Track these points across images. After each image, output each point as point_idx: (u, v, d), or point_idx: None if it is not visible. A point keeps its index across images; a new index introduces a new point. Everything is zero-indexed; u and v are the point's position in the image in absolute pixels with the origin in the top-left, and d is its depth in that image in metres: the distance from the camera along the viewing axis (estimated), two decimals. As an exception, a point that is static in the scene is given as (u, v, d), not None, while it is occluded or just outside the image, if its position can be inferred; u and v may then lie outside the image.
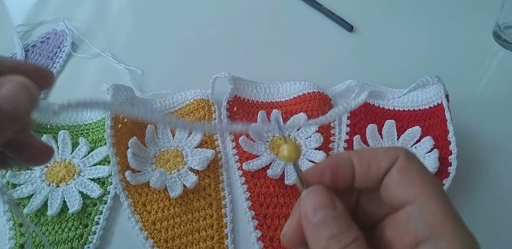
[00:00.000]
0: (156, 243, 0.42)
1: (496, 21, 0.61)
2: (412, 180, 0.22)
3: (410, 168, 0.22)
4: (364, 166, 0.23)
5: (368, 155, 0.23)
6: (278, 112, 0.51)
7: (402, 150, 0.23)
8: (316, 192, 0.23)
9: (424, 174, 0.22)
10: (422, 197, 0.21)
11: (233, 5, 0.71)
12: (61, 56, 0.62)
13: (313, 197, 0.22)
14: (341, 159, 0.23)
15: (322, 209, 0.22)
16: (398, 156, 0.22)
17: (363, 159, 0.23)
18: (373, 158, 0.23)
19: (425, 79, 0.44)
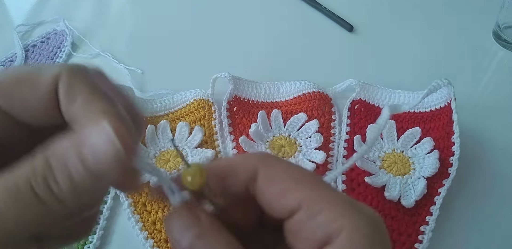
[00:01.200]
0: (156, 243, 0.42)
1: (496, 21, 0.61)
2: (285, 189, 0.20)
3: (274, 176, 0.20)
4: (220, 179, 0.21)
5: (224, 168, 0.21)
6: (278, 112, 0.51)
7: (258, 157, 0.21)
8: (177, 214, 0.20)
9: (293, 175, 0.20)
10: (304, 201, 0.19)
11: (233, 5, 0.71)
12: (61, 56, 0.62)
13: (176, 219, 0.20)
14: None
15: (186, 231, 0.19)
16: (256, 166, 0.21)
17: (219, 173, 0.21)
18: (229, 171, 0.21)
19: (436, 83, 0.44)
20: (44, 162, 0.17)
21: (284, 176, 0.20)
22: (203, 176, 0.20)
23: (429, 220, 0.41)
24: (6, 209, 0.16)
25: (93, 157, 0.17)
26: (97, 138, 0.17)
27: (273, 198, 0.20)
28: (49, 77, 0.19)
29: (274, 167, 0.21)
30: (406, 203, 0.42)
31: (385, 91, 0.52)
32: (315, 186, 0.20)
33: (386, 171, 0.45)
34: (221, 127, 0.51)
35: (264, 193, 0.20)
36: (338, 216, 0.19)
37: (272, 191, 0.20)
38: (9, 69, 0.20)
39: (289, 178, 0.20)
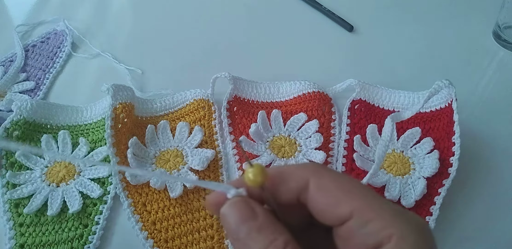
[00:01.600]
0: (156, 243, 0.42)
1: (496, 21, 0.61)
2: (337, 199, 0.21)
3: (325, 186, 0.22)
4: (275, 189, 0.23)
5: (276, 176, 0.23)
6: (278, 112, 0.51)
7: (310, 168, 0.23)
8: (233, 206, 0.22)
9: (343, 185, 0.22)
10: (355, 211, 0.21)
11: (233, 5, 0.71)
12: (61, 56, 0.62)
13: (233, 211, 0.22)
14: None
15: (243, 223, 0.21)
16: (308, 176, 0.22)
17: (274, 182, 0.23)
18: (281, 181, 0.23)
19: (437, 85, 0.43)
20: None
21: (335, 186, 0.22)
22: (264, 175, 0.22)
23: (429, 220, 0.41)
24: None
25: None
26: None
27: (325, 207, 0.22)
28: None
29: (325, 178, 0.22)
30: (406, 203, 0.42)
31: (385, 91, 0.52)
32: (365, 196, 0.21)
33: (386, 171, 0.45)
34: (221, 127, 0.51)
35: (315, 202, 0.22)
36: (387, 225, 0.20)
37: (323, 200, 0.22)
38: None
39: (340, 188, 0.21)
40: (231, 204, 0.22)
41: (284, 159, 0.47)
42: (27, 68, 0.60)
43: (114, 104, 0.47)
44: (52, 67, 0.61)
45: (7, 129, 0.48)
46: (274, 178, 0.23)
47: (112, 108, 0.47)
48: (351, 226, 0.21)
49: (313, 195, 0.22)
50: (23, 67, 0.60)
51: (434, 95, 0.44)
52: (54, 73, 0.60)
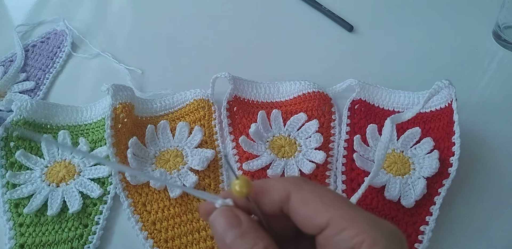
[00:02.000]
0: (156, 243, 0.42)
1: (496, 21, 0.61)
2: (315, 210, 0.23)
3: (305, 198, 0.24)
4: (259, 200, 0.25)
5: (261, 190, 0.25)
6: (278, 112, 0.51)
7: (290, 181, 0.25)
8: (221, 214, 0.24)
9: (321, 197, 0.24)
10: (331, 220, 0.22)
11: (233, 5, 0.71)
12: (61, 56, 0.62)
13: (220, 219, 0.24)
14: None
15: (229, 230, 0.24)
16: (289, 189, 0.24)
17: (259, 194, 0.25)
18: (265, 193, 0.25)
19: (436, 85, 0.43)
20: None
21: (314, 198, 0.24)
22: (249, 187, 0.24)
23: (429, 220, 0.41)
24: None
25: None
26: None
27: (305, 218, 0.24)
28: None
29: (304, 190, 0.24)
30: (406, 203, 0.42)
31: (385, 91, 0.52)
32: (341, 206, 0.23)
33: (386, 171, 0.45)
34: (221, 127, 0.51)
35: (296, 213, 0.24)
36: (360, 232, 0.22)
37: (303, 211, 0.24)
38: None
39: (319, 200, 0.23)
40: (219, 212, 0.25)
41: (284, 159, 0.47)
42: (27, 68, 0.60)
43: (114, 104, 0.47)
44: (52, 67, 0.61)
45: (7, 129, 0.48)
46: (258, 190, 0.25)
47: (112, 108, 0.47)
48: (328, 234, 0.23)
49: (294, 206, 0.24)
50: (23, 67, 0.60)
51: (434, 95, 0.44)
52: (54, 73, 0.60)
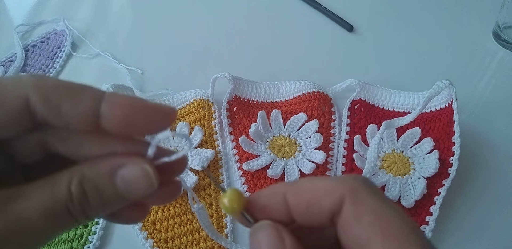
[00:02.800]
0: (156, 243, 0.42)
1: (496, 21, 0.61)
2: (370, 238, 0.17)
3: (360, 216, 0.18)
4: (302, 208, 0.19)
5: (307, 194, 0.19)
6: (278, 112, 0.51)
7: (347, 186, 0.19)
8: (261, 231, 0.20)
9: (382, 220, 0.18)
10: (382, 239, 0.17)
11: (233, 5, 0.71)
12: (61, 56, 0.62)
13: (260, 238, 0.19)
14: (274, 199, 0.20)
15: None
16: (343, 196, 0.18)
17: (300, 200, 0.19)
18: (312, 199, 0.19)
19: (437, 86, 0.44)
20: (80, 188, 0.19)
21: (373, 221, 0.18)
22: (241, 201, 0.20)
23: (429, 220, 0.41)
24: (38, 226, 0.18)
25: (127, 186, 0.19)
26: (134, 174, 0.19)
27: (353, 242, 0.18)
28: (15, 95, 0.18)
29: (363, 204, 0.18)
30: (406, 203, 0.42)
31: (385, 91, 0.52)
32: (405, 240, 0.17)
33: (386, 171, 0.45)
34: (221, 127, 0.51)
35: (346, 234, 0.18)
36: None
37: (353, 234, 0.18)
38: None
39: (377, 226, 0.17)
40: (258, 228, 0.20)
41: (284, 159, 0.47)
42: (27, 68, 0.60)
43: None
44: (52, 67, 0.61)
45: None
46: (306, 196, 0.19)
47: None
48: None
49: (345, 223, 0.18)
50: (23, 67, 0.60)
51: (435, 96, 0.44)
52: (54, 73, 0.60)
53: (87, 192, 0.19)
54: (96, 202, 0.19)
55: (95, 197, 0.19)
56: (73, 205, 0.19)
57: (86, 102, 0.18)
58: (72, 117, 0.18)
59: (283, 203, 0.20)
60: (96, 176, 0.19)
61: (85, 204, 0.19)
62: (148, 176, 0.19)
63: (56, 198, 0.18)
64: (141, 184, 0.19)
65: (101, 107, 0.18)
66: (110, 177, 0.19)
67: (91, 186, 0.19)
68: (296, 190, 0.19)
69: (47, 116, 0.18)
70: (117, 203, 0.20)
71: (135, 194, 0.19)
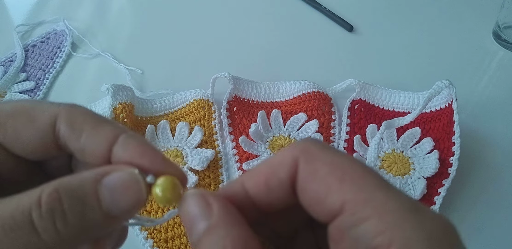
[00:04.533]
0: (156, 243, 0.42)
1: (496, 21, 0.61)
2: (326, 188, 0.16)
3: (315, 171, 0.17)
4: (262, 189, 0.18)
5: (263, 173, 0.18)
6: (278, 112, 0.51)
7: (299, 148, 0.17)
8: (185, 202, 0.18)
9: (338, 169, 0.17)
10: (347, 204, 0.16)
11: (233, 5, 0.71)
12: (61, 56, 0.62)
13: (185, 209, 0.18)
14: (233, 190, 0.18)
15: (195, 223, 0.17)
16: (297, 158, 0.17)
17: (258, 181, 0.18)
18: (269, 174, 0.18)
19: (437, 86, 0.44)
20: (55, 195, 0.16)
21: (327, 171, 0.17)
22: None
23: (429, 220, 0.41)
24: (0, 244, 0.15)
25: (113, 196, 0.17)
26: (122, 180, 0.17)
27: (313, 199, 0.17)
28: (46, 114, 0.18)
29: (316, 160, 0.17)
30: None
31: (385, 91, 0.52)
32: (365, 185, 0.16)
33: (386, 171, 0.45)
34: (221, 127, 0.51)
35: (304, 191, 0.17)
36: (387, 227, 0.15)
37: (312, 190, 0.17)
38: (6, 102, 0.19)
39: (333, 174, 0.16)
40: (190, 195, 0.18)
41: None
42: (27, 68, 0.60)
43: (114, 104, 0.47)
44: (52, 67, 0.61)
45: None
46: (262, 174, 0.18)
47: (112, 108, 0.47)
48: (341, 223, 0.16)
49: (301, 182, 0.17)
50: (23, 67, 0.60)
51: (435, 96, 0.44)
52: (54, 73, 0.60)
53: (63, 201, 0.16)
54: (74, 216, 0.16)
55: (73, 209, 0.16)
56: (40, 217, 0.16)
57: (105, 135, 0.18)
58: (89, 146, 0.18)
59: (243, 192, 0.18)
60: (77, 183, 0.17)
61: (58, 217, 0.16)
62: (136, 184, 0.17)
63: (20, 206, 0.16)
64: (128, 194, 0.17)
65: (114, 147, 0.18)
66: (94, 184, 0.17)
67: (70, 193, 0.16)
68: (251, 174, 0.18)
69: (68, 140, 0.18)
70: (99, 222, 0.17)
71: (121, 206, 0.17)
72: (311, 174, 0.17)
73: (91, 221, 0.17)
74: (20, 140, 0.18)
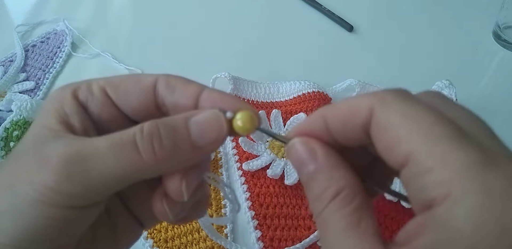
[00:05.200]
0: (156, 243, 0.42)
1: (496, 21, 0.61)
2: (396, 138, 0.17)
3: (388, 120, 0.17)
4: (339, 127, 0.19)
5: (341, 112, 0.19)
6: (278, 112, 0.51)
7: (376, 97, 0.18)
8: (291, 149, 0.20)
9: (410, 120, 0.17)
10: (412, 155, 0.16)
11: (233, 5, 0.71)
12: (61, 56, 0.62)
13: (291, 155, 0.20)
14: (315, 122, 0.20)
15: (303, 167, 0.20)
16: (372, 107, 0.18)
17: (336, 119, 0.19)
18: (345, 116, 0.19)
19: (437, 86, 0.44)
20: (154, 124, 0.20)
21: (398, 122, 0.17)
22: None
23: (429, 220, 0.41)
24: (105, 157, 0.19)
25: (200, 130, 0.20)
26: (206, 117, 0.21)
27: (384, 148, 0.18)
28: (150, 77, 0.23)
29: (389, 110, 0.17)
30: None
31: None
32: (432, 136, 0.16)
33: (386, 171, 0.45)
34: (221, 127, 0.51)
35: (375, 140, 0.18)
36: (447, 179, 0.15)
37: (383, 139, 0.17)
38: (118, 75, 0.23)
39: (403, 125, 0.17)
40: (291, 145, 0.20)
41: (284, 159, 0.47)
42: (27, 68, 0.60)
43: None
44: (52, 67, 0.61)
45: (7, 129, 0.48)
46: (341, 114, 0.19)
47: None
48: (407, 173, 0.17)
49: (374, 131, 0.18)
50: (23, 67, 0.60)
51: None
52: (54, 73, 0.60)
53: (160, 128, 0.20)
54: (168, 141, 0.19)
55: (168, 135, 0.20)
56: (142, 138, 0.19)
57: (192, 89, 0.22)
58: (181, 98, 0.22)
59: (324, 126, 0.20)
60: (172, 119, 0.20)
61: (156, 140, 0.19)
62: (218, 120, 0.20)
63: (126, 132, 0.20)
64: (212, 128, 0.20)
65: (200, 97, 0.21)
66: (185, 121, 0.20)
67: (166, 124, 0.20)
68: (332, 110, 0.20)
69: (164, 96, 0.22)
70: (188, 150, 0.20)
71: (206, 138, 0.20)
72: (383, 124, 0.17)
73: (181, 148, 0.20)
74: (128, 97, 0.22)
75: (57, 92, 0.22)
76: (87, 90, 0.22)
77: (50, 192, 0.18)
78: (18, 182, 0.19)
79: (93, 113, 0.22)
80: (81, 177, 0.19)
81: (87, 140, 0.20)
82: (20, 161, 0.20)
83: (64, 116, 0.21)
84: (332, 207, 0.18)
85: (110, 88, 0.22)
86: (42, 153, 0.19)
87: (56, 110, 0.21)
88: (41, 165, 0.19)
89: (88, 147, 0.19)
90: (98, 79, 0.23)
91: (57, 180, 0.18)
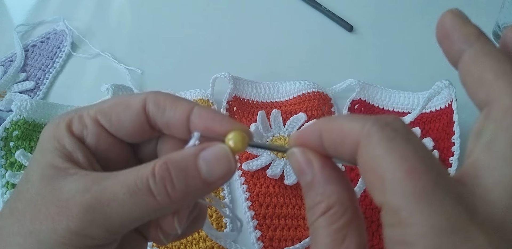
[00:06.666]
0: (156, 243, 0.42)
1: (496, 21, 0.61)
2: (380, 177, 0.18)
3: (368, 155, 0.18)
4: (331, 146, 0.20)
5: (334, 135, 0.20)
6: (278, 112, 0.51)
7: (364, 131, 0.18)
8: (291, 158, 0.21)
9: (381, 155, 0.17)
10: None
11: (233, 5, 0.71)
12: (61, 56, 0.62)
13: (291, 163, 0.21)
14: (312, 135, 0.21)
15: (302, 175, 0.21)
16: (358, 141, 0.18)
17: (329, 139, 0.20)
18: (337, 140, 0.19)
19: (437, 86, 0.44)
20: (165, 167, 0.21)
21: (381, 163, 0.17)
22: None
23: (428, 220, 0.41)
24: (123, 202, 0.20)
25: (209, 167, 0.21)
26: (215, 153, 0.21)
27: (369, 184, 0.19)
28: (138, 99, 0.23)
29: (371, 150, 0.18)
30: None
31: (385, 92, 0.52)
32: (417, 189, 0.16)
33: (386, 171, 0.45)
34: (221, 127, 0.51)
35: (362, 172, 0.19)
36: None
37: (367, 177, 0.18)
38: (107, 100, 0.24)
39: (386, 167, 0.17)
40: (298, 150, 0.21)
41: (284, 159, 0.47)
42: (27, 68, 0.60)
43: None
44: (52, 67, 0.61)
45: (7, 129, 0.48)
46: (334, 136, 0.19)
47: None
48: (384, 218, 0.18)
49: (360, 163, 0.18)
50: (23, 67, 0.60)
51: (435, 96, 0.44)
52: (54, 73, 0.60)
53: (171, 171, 0.20)
54: (179, 183, 0.20)
55: (179, 177, 0.20)
56: (155, 183, 0.20)
57: (183, 108, 0.22)
58: (172, 118, 0.22)
59: (319, 140, 0.20)
60: (181, 157, 0.21)
61: (168, 183, 0.20)
62: (227, 156, 0.21)
63: (139, 175, 0.20)
64: (221, 164, 0.21)
65: (191, 116, 0.22)
66: (194, 159, 0.21)
67: (176, 165, 0.21)
68: (326, 129, 0.20)
69: (155, 116, 0.22)
70: (199, 187, 0.21)
71: (216, 174, 0.21)
72: (367, 162, 0.18)
73: (193, 187, 0.21)
74: (121, 123, 0.23)
75: (51, 129, 0.23)
76: (80, 123, 0.23)
77: (74, 236, 0.20)
78: (42, 230, 0.20)
79: (91, 145, 0.23)
80: (102, 221, 0.20)
81: (100, 180, 0.21)
82: (37, 205, 0.21)
83: (68, 154, 0.22)
84: (321, 223, 0.19)
85: (101, 118, 0.23)
86: (60, 197, 0.21)
87: (57, 149, 0.22)
88: (62, 211, 0.20)
89: (106, 193, 0.20)
90: (87, 109, 0.23)
91: (81, 226, 0.20)
